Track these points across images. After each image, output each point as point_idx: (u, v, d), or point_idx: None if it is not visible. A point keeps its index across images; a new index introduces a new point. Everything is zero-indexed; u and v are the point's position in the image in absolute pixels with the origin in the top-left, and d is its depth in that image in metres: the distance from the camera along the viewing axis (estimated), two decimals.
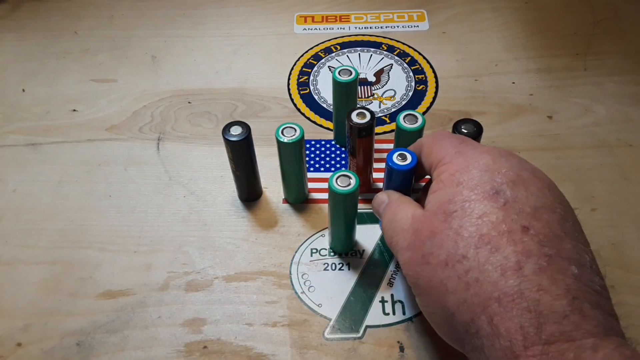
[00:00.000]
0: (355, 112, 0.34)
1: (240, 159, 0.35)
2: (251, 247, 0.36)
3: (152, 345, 0.32)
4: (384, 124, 0.44)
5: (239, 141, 0.33)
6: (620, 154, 0.40)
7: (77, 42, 0.52)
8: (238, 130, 0.34)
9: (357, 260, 0.35)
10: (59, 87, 0.48)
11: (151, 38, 0.52)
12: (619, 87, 0.45)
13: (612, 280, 0.33)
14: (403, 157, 0.31)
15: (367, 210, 0.38)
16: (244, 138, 0.33)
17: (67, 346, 0.32)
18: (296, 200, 0.38)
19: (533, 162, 0.39)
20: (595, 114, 0.43)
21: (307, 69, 0.48)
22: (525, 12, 0.53)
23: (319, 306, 0.33)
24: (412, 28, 0.52)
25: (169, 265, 0.35)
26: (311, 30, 0.52)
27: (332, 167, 0.40)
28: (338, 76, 0.36)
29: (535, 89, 0.45)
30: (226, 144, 0.34)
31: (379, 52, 0.50)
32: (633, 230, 0.36)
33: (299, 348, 0.31)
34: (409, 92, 0.46)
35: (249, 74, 0.48)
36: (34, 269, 0.35)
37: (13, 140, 0.44)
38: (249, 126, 0.34)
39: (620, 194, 0.38)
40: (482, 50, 0.49)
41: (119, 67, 0.49)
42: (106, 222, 0.38)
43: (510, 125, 0.43)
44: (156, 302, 0.33)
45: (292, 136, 0.33)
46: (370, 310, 0.33)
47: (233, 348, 0.31)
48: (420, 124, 0.34)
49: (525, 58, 0.48)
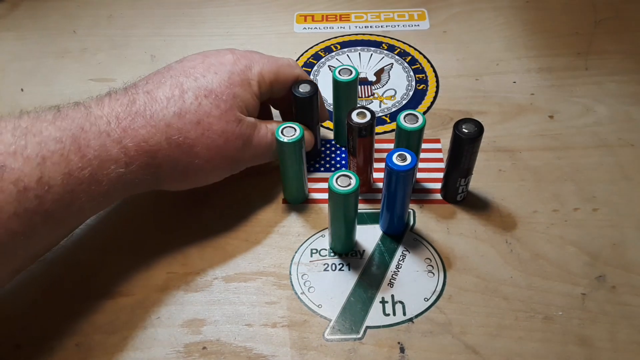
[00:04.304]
0: (355, 112, 0.34)
1: (307, 113, 0.37)
2: (251, 248, 0.36)
3: (151, 346, 0.32)
4: (384, 123, 0.43)
5: (307, 97, 0.36)
6: (622, 153, 0.40)
7: (76, 42, 0.52)
8: (307, 87, 0.36)
9: (357, 261, 0.35)
10: (57, 86, 0.48)
11: (150, 37, 0.52)
12: (620, 87, 0.45)
13: (613, 280, 0.33)
14: (403, 158, 0.31)
15: (367, 210, 0.38)
16: (313, 94, 0.36)
17: (66, 347, 0.32)
18: (296, 200, 0.38)
19: (534, 161, 0.40)
20: (596, 113, 0.43)
21: (307, 68, 0.48)
22: (527, 11, 0.53)
23: (319, 307, 0.33)
24: (413, 27, 0.52)
25: (168, 266, 0.35)
26: (311, 30, 0.52)
27: (332, 167, 0.40)
28: (338, 75, 0.36)
29: (537, 89, 0.45)
30: (293, 100, 0.36)
31: (380, 52, 0.49)
32: (634, 230, 0.36)
33: (298, 349, 0.31)
34: (409, 91, 0.46)
35: None
36: (34, 269, 0.35)
37: None
38: (316, 85, 0.36)
39: (621, 194, 0.38)
40: (483, 50, 0.49)
41: (118, 66, 0.49)
42: (106, 222, 0.38)
43: (512, 125, 0.42)
44: (155, 303, 0.33)
45: (292, 136, 0.33)
46: (371, 311, 0.33)
47: (232, 349, 0.31)
48: (420, 124, 0.34)
49: (526, 57, 0.48)
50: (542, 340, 0.31)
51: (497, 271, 0.34)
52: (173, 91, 0.32)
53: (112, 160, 0.30)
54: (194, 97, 0.32)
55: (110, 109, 0.31)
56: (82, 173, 0.28)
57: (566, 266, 0.34)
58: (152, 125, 0.31)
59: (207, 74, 0.33)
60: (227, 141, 0.33)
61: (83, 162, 0.28)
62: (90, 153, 0.29)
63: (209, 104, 0.32)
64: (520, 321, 0.32)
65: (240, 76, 0.34)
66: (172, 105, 0.32)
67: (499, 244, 0.35)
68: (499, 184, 0.39)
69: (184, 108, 0.32)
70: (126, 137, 0.30)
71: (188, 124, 0.32)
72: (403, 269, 0.34)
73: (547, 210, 0.37)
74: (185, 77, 0.33)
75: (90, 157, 0.29)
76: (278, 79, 0.36)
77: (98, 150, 0.29)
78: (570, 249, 0.35)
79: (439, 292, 0.33)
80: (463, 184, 0.36)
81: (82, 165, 0.28)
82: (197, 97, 0.32)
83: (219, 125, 0.32)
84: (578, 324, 0.32)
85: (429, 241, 0.36)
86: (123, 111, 0.31)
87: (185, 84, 0.32)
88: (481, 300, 0.33)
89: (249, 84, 0.34)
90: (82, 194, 0.29)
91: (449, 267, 0.34)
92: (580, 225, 0.36)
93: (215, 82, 0.33)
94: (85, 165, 0.28)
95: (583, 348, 0.31)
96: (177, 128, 0.31)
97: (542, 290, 0.33)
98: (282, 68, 0.36)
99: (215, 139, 0.32)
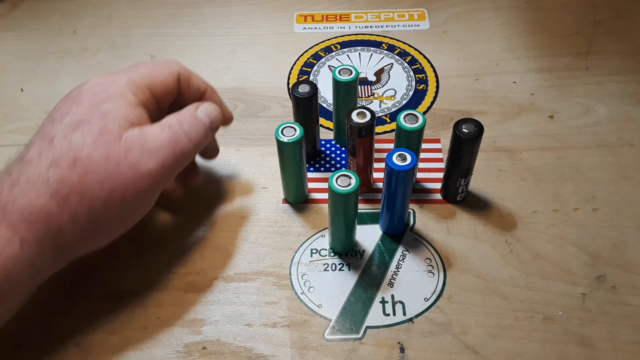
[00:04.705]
0: (355, 112, 0.34)
1: (307, 113, 0.37)
2: (251, 248, 0.36)
3: (151, 346, 0.32)
4: (384, 123, 0.43)
5: (306, 98, 0.35)
6: (622, 153, 0.40)
7: (76, 42, 0.52)
8: (306, 88, 0.36)
9: (357, 261, 0.35)
10: (58, 86, 0.48)
11: (150, 37, 0.52)
12: (620, 87, 0.45)
13: (613, 280, 0.33)
14: (403, 158, 0.31)
15: (367, 210, 0.38)
16: (312, 94, 0.36)
17: (66, 347, 0.32)
18: (296, 200, 0.38)
19: (534, 161, 0.40)
20: (596, 113, 0.43)
21: (307, 68, 0.48)
22: (526, 11, 0.53)
23: (319, 307, 0.33)
24: (413, 27, 0.52)
25: (168, 266, 0.35)
26: (311, 30, 0.52)
27: (332, 167, 0.40)
28: (338, 75, 0.36)
29: (537, 89, 0.45)
30: (293, 100, 0.36)
31: (380, 52, 0.49)
32: (634, 230, 0.36)
33: (298, 349, 0.31)
34: (409, 91, 0.46)
35: (248, 74, 0.48)
36: None
37: (12, 140, 0.43)
38: (316, 85, 0.36)
39: (621, 194, 0.38)
40: (483, 50, 0.49)
41: (118, 66, 0.49)
42: None
43: (511, 125, 0.42)
44: (155, 303, 0.33)
45: (292, 136, 0.33)
46: (371, 311, 0.33)
47: (232, 349, 0.31)
48: (420, 124, 0.34)
49: (526, 57, 0.48)
50: (542, 340, 0.31)
51: (497, 271, 0.34)
52: (42, 145, 0.28)
53: (1, 243, 0.26)
54: (62, 137, 0.28)
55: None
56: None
57: (566, 266, 0.34)
58: (29, 189, 0.27)
59: (70, 108, 0.29)
60: (117, 165, 0.28)
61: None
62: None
63: (80, 136, 0.28)
64: (520, 321, 0.32)
65: (105, 93, 0.30)
66: (44, 158, 0.27)
67: (499, 244, 0.35)
68: (499, 184, 0.39)
69: (56, 154, 0.27)
70: (11, 215, 0.26)
71: (66, 169, 0.27)
72: (403, 269, 0.34)
73: (547, 210, 0.37)
74: (50, 125, 0.29)
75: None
76: (154, 81, 0.31)
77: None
78: (570, 249, 0.35)
79: (439, 292, 0.33)
80: (463, 184, 0.36)
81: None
82: (66, 136, 0.28)
83: (99, 152, 0.28)
84: (578, 324, 0.32)
85: (429, 241, 0.36)
86: (0, 189, 0.27)
87: (51, 131, 0.28)
88: (481, 300, 0.33)
89: (120, 96, 0.30)
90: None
91: (449, 267, 0.34)
92: (580, 225, 0.36)
93: (80, 112, 0.29)
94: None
95: (583, 348, 0.31)
96: (57, 180, 0.27)
97: (542, 290, 0.33)
98: (155, 69, 0.32)
99: (102, 170, 0.28)
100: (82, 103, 0.29)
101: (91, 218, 0.28)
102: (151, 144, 0.29)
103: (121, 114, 0.29)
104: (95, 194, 0.27)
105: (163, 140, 0.30)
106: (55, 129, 0.28)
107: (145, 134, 0.29)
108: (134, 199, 0.29)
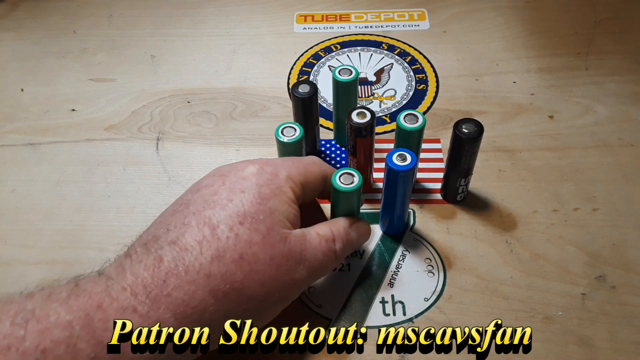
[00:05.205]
0: (355, 112, 0.34)
1: (307, 113, 0.37)
2: None
3: None
4: (385, 123, 0.43)
5: (306, 98, 0.35)
6: (622, 153, 0.40)
7: (76, 42, 0.52)
8: (306, 88, 0.36)
9: (357, 261, 0.35)
10: (57, 86, 0.48)
11: (150, 37, 0.52)
12: (620, 87, 0.45)
13: (614, 280, 0.33)
14: (403, 158, 0.31)
15: (367, 210, 0.38)
16: (313, 95, 0.36)
17: None
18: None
19: (534, 161, 0.40)
20: (596, 113, 0.43)
21: (307, 68, 0.48)
22: (526, 11, 0.53)
23: (319, 307, 0.33)
24: (413, 27, 0.52)
25: None
26: (311, 30, 0.52)
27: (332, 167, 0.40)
28: (338, 75, 0.36)
29: (536, 89, 0.45)
30: (293, 100, 0.36)
31: (380, 52, 0.49)
32: (634, 230, 0.36)
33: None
34: (409, 91, 0.46)
35: (248, 74, 0.48)
36: (33, 269, 0.35)
37: (12, 140, 0.43)
38: (316, 85, 0.36)
39: (621, 194, 0.38)
40: (482, 50, 0.49)
41: (118, 66, 0.49)
42: (105, 222, 0.38)
43: (511, 125, 0.42)
44: None
45: (292, 136, 0.33)
46: (371, 311, 0.33)
47: None
48: (420, 124, 0.34)
49: (526, 57, 0.48)
50: (542, 340, 0.31)
51: (497, 271, 0.34)
52: (203, 231, 0.26)
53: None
54: (229, 229, 0.26)
55: (133, 276, 0.25)
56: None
57: (566, 266, 0.34)
58: (189, 282, 0.25)
59: (234, 197, 0.28)
60: (278, 268, 0.27)
61: (97, 351, 0.23)
62: (108, 337, 0.23)
63: (247, 230, 0.27)
64: (520, 321, 0.32)
65: (270, 187, 0.28)
66: (207, 248, 0.26)
67: (499, 244, 0.35)
68: (498, 184, 0.39)
69: (221, 247, 0.26)
70: (159, 309, 0.24)
71: (231, 265, 0.26)
72: (403, 269, 0.34)
73: (547, 210, 0.37)
74: (210, 209, 0.27)
75: (108, 343, 0.23)
76: (307, 179, 0.31)
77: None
78: (570, 249, 0.35)
79: (439, 292, 0.33)
80: (463, 184, 0.36)
81: (95, 355, 0.23)
82: (232, 228, 0.26)
83: (265, 253, 0.27)
84: (578, 324, 0.32)
85: (429, 241, 0.36)
86: (150, 275, 0.25)
87: (213, 218, 0.27)
88: (481, 300, 0.33)
89: (281, 192, 0.29)
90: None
91: (449, 267, 0.34)
92: (580, 225, 0.36)
93: (246, 203, 0.27)
94: (101, 355, 0.23)
95: (583, 348, 0.31)
96: (219, 275, 0.25)
97: (542, 290, 0.33)
98: (309, 167, 0.31)
99: (265, 271, 0.27)
100: (247, 192, 0.28)
101: (243, 316, 0.26)
102: (307, 254, 0.29)
103: (284, 212, 0.28)
104: (254, 294, 0.26)
105: (318, 254, 0.29)
106: (216, 216, 0.27)
107: (305, 241, 0.29)
108: (283, 302, 0.29)
